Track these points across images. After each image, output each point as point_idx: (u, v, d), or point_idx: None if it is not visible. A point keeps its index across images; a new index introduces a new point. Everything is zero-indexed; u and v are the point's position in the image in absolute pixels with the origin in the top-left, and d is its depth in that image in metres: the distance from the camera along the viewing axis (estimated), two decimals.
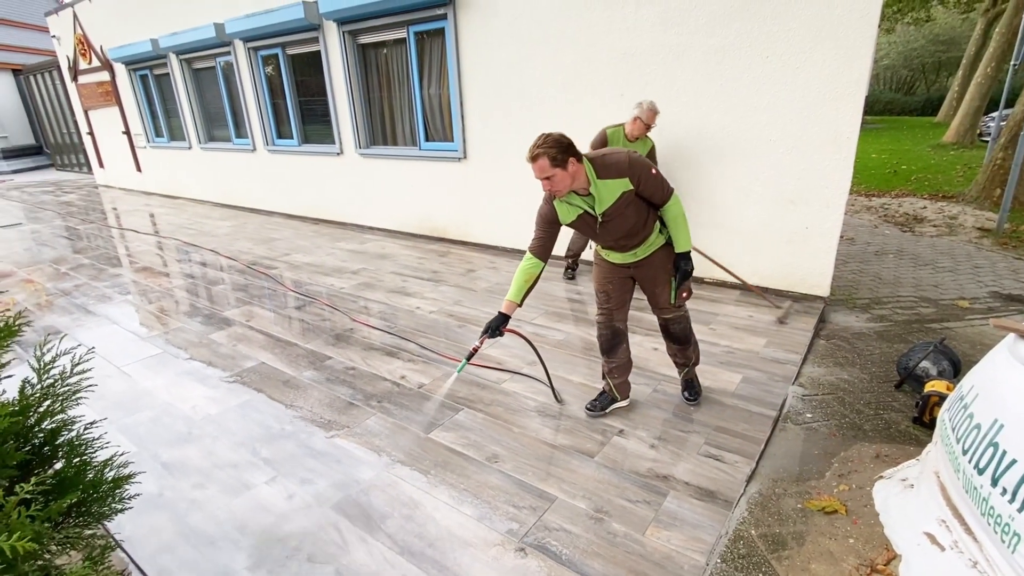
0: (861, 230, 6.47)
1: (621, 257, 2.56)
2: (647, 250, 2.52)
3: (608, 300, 2.67)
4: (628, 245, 2.50)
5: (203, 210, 8.91)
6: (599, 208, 2.33)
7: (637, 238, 2.47)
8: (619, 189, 2.29)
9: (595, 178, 2.28)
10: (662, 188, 2.38)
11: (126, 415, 2.95)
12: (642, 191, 2.34)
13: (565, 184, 2.25)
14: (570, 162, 2.20)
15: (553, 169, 2.18)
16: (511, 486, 2.30)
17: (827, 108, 3.68)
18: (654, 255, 2.53)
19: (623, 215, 2.36)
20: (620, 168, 2.28)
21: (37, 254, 6.47)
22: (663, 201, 2.41)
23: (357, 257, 5.82)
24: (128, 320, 4.33)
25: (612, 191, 2.30)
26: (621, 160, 2.29)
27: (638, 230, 2.44)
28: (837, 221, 3.86)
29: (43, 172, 15.18)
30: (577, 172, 2.25)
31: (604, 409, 2.77)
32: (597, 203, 2.32)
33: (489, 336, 2.47)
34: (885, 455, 2.37)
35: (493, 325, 2.48)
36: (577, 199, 2.35)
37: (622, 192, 2.30)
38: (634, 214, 2.38)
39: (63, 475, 1.24)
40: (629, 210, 2.36)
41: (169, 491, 2.36)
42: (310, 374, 3.32)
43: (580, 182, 2.28)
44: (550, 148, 2.16)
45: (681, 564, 1.89)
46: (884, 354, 3.33)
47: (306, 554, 1.99)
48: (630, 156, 2.30)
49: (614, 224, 2.38)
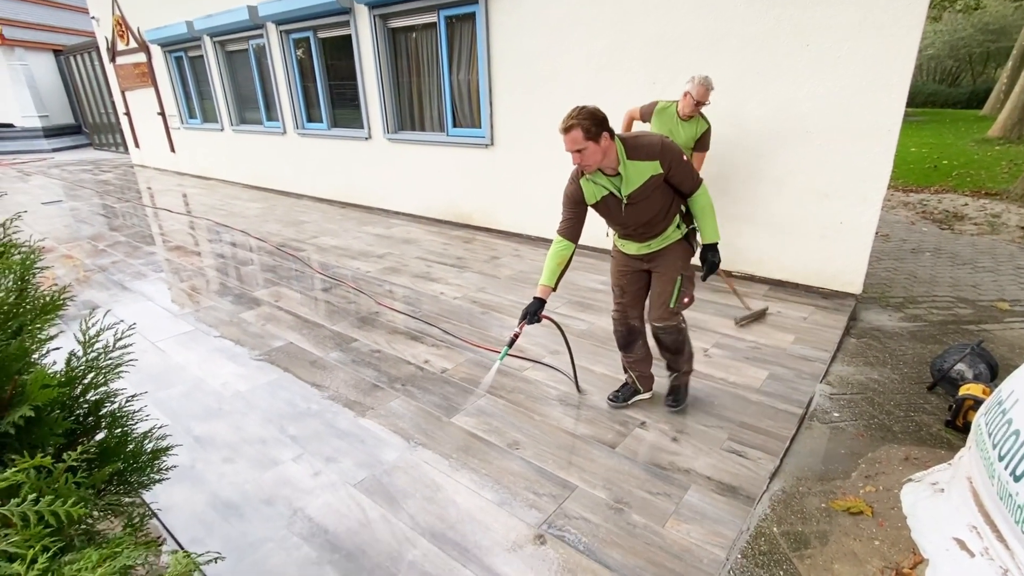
0: (897, 227, 6.27)
1: (636, 248, 2.52)
2: (662, 243, 2.47)
3: (623, 295, 2.64)
4: (646, 234, 2.45)
5: (234, 191, 9.08)
6: (625, 189, 2.29)
7: (656, 228, 2.42)
8: (648, 172, 2.25)
9: (625, 158, 2.24)
10: (692, 176, 2.34)
11: (160, 389, 3.05)
12: (671, 177, 2.29)
13: (596, 159, 2.20)
14: (603, 137, 2.15)
15: (586, 142, 2.13)
16: (532, 473, 2.32)
17: (868, 99, 3.56)
18: (668, 249, 2.48)
19: (648, 199, 2.32)
20: (652, 150, 2.24)
21: (76, 231, 6.69)
22: (691, 190, 2.37)
23: (383, 241, 5.87)
24: (161, 297, 4.46)
25: (641, 173, 2.25)
26: (654, 142, 2.25)
27: (659, 219, 2.39)
28: (873, 216, 3.74)
29: (82, 151, 15.64)
30: (609, 149, 2.20)
31: (626, 400, 2.77)
32: (624, 184, 2.28)
33: (528, 322, 2.46)
34: (915, 458, 2.32)
35: (531, 311, 2.46)
36: (603, 179, 2.31)
37: (651, 175, 2.26)
38: (659, 200, 2.34)
39: (105, 445, 1.30)
40: (655, 195, 2.32)
41: (201, 463, 2.44)
42: (336, 355, 3.38)
43: (610, 160, 2.23)
44: (584, 120, 2.11)
45: (700, 557, 1.89)
46: (917, 355, 3.24)
47: (330, 529, 2.04)
48: (663, 140, 2.27)
49: (638, 208, 2.34)
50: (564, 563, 1.87)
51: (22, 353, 1.16)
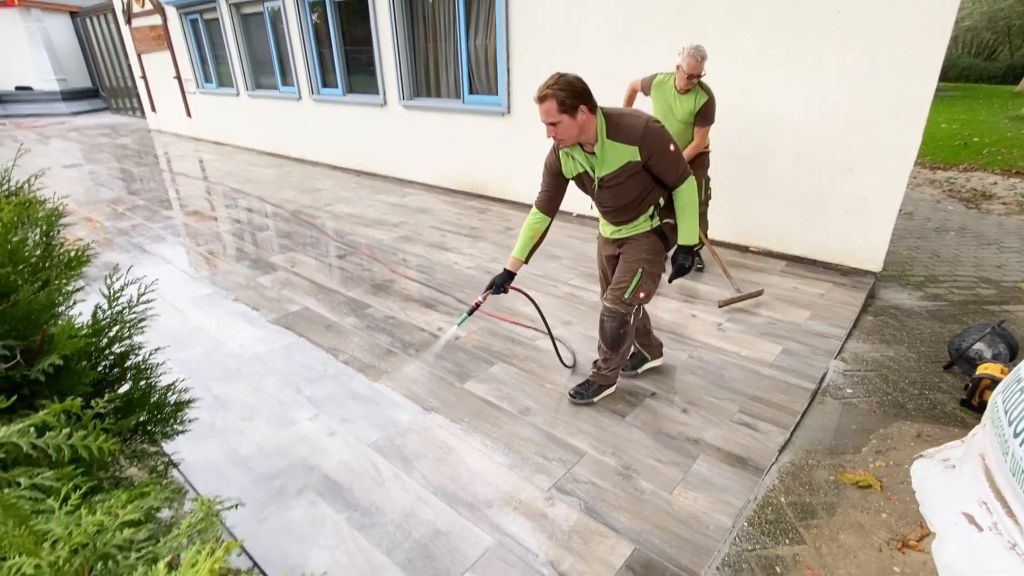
0: (922, 204, 6.12)
1: (610, 230, 2.42)
2: (631, 231, 2.33)
3: (604, 279, 2.61)
4: (617, 219, 2.33)
5: (249, 158, 9.09)
6: (599, 171, 2.14)
7: (627, 215, 2.28)
8: (625, 157, 2.07)
9: (604, 136, 2.06)
10: (676, 168, 2.13)
11: (180, 349, 3.12)
12: (651, 166, 2.11)
13: (571, 134, 2.04)
14: (580, 110, 1.98)
15: (560, 115, 1.98)
16: (542, 438, 2.36)
17: (899, 70, 3.43)
18: (635, 238, 2.33)
19: (623, 186, 2.16)
20: (632, 134, 2.04)
21: (96, 194, 6.77)
22: (675, 183, 2.17)
23: (397, 210, 5.87)
24: (180, 260, 4.52)
25: (617, 156, 2.08)
26: (636, 125, 2.04)
27: (632, 207, 2.24)
28: (898, 193, 3.65)
29: (99, 115, 15.70)
30: (587, 124, 2.03)
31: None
32: (599, 165, 2.12)
33: (493, 292, 2.41)
34: (927, 435, 2.31)
35: (498, 282, 2.41)
36: (580, 155, 2.16)
37: (627, 161, 2.08)
38: (635, 189, 2.17)
39: (130, 396, 1.34)
40: (630, 183, 2.14)
41: (220, 421, 2.51)
42: (351, 320, 3.43)
43: (588, 136, 2.06)
44: (560, 91, 1.95)
45: (707, 524, 1.92)
46: (935, 334, 3.20)
47: (345, 486, 2.10)
48: (648, 124, 2.05)
49: (611, 192, 2.20)
50: (572, 525, 1.92)
51: (49, 304, 1.19)
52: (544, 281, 3.96)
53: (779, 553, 1.79)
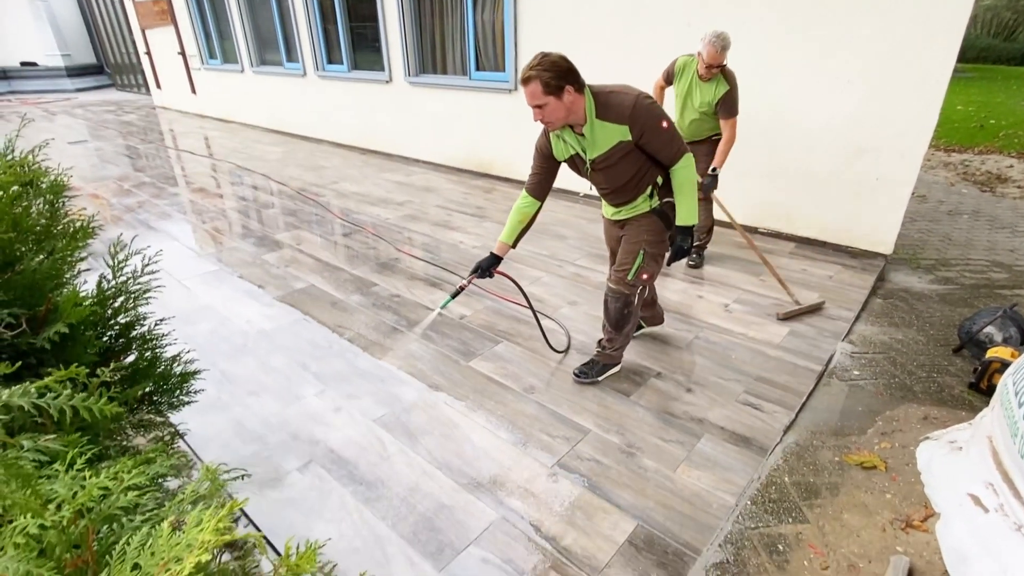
0: (935, 187, 6.02)
1: (610, 211, 2.38)
2: (630, 212, 2.29)
3: (612, 256, 2.59)
4: (615, 201, 2.29)
5: (255, 135, 9.04)
6: (590, 153, 2.07)
7: (624, 196, 2.22)
8: (615, 137, 2.00)
9: (593, 116, 1.99)
10: (671, 146, 2.05)
11: (187, 325, 3.13)
12: (644, 144, 2.03)
13: (558, 116, 1.97)
14: (566, 91, 1.91)
15: (546, 97, 1.90)
16: (546, 416, 2.36)
17: (918, 48, 3.34)
18: (636, 220, 2.28)
19: (615, 167, 2.09)
20: (621, 112, 1.96)
21: (102, 170, 6.76)
22: (671, 162, 2.10)
23: (403, 189, 5.84)
24: (186, 237, 4.52)
25: (608, 137, 2.01)
26: (625, 103, 1.96)
27: (628, 188, 2.18)
28: (912, 174, 3.59)
29: (104, 92, 15.61)
30: (575, 104, 1.95)
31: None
32: (589, 146, 2.06)
33: (478, 276, 2.39)
34: (934, 417, 2.30)
35: (484, 266, 2.38)
36: (571, 136, 2.09)
37: (618, 141, 2.01)
38: (628, 169, 2.10)
39: (136, 366, 1.34)
40: (623, 163, 2.07)
41: (227, 396, 2.53)
42: (357, 298, 3.43)
43: (577, 116, 1.99)
44: (544, 71, 1.87)
45: (710, 502, 1.92)
46: (945, 317, 3.17)
47: (351, 460, 2.12)
48: (638, 100, 1.96)
49: (604, 175, 2.14)
50: (575, 500, 1.93)
51: (55, 273, 1.18)
52: (550, 261, 3.94)
53: (782, 531, 1.80)
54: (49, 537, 0.66)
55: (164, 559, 0.54)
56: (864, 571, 1.64)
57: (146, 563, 0.55)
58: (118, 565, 0.57)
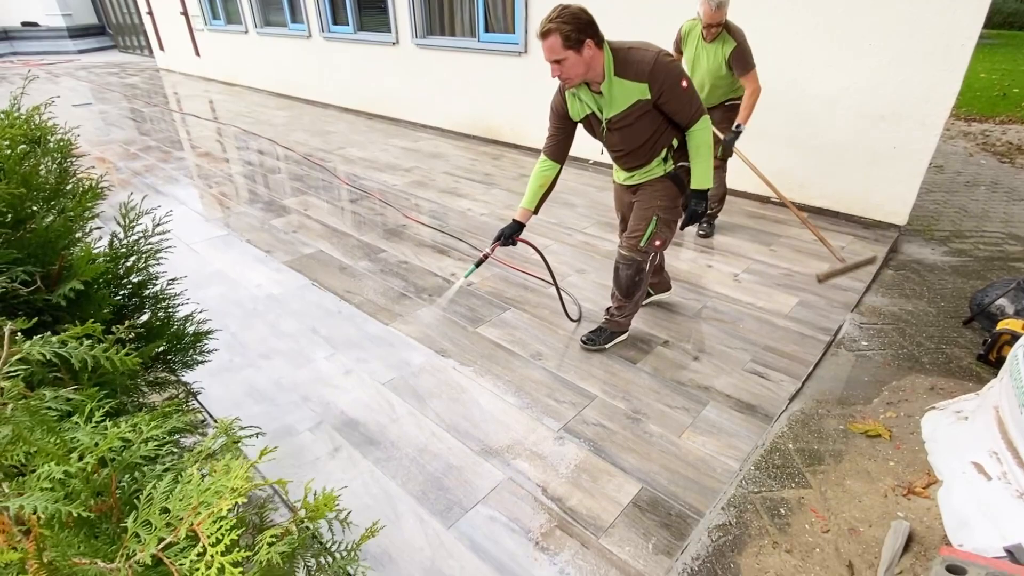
0: (953, 158, 5.88)
1: (622, 176, 2.34)
2: (644, 176, 2.24)
3: (622, 222, 2.56)
4: (628, 164, 2.23)
5: (260, 99, 8.92)
6: (607, 112, 2.01)
7: (639, 160, 2.17)
8: (634, 95, 1.94)
9: (611, 73, 1.92)
10: (689, 107, 1.99)
11: (198, 289, 3.15)
12: (663, 104, 1.97)
13: (577, 72, 1.90)
14: (586, 45, 1.84)
15: (565, 51, 1.84)
16: (553, 382, 2.38)
17: (943, 11, 3.21)
18: (649, 184, 2.24)
19: (632, 128, 2.03)
20: (641, 69, 1.89)
21: (107, 134, 6.71)
22: (688, 123, 2.04)
23: (410, 155, 5.77)
24: (193, 202, 4.51)
25: (626, 95, 1.95)
26: (645, 60, 1.89)
27: (644, 151, 2.13)
28: (931, 143, 3.50)
29: (107, 53, 15.38)
30: (594, 60, 1.89)
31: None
32: (607, 105, 1.99)
33: (501, 244, 2.35)
34: (941, 388, 2.30)
35: (506, 233, 2.33)
36: (587, 95, 2.03)
37: (637, 100, 1.94)
38: (646, 130, 2.04)
39: (150, 325, 1.35)
40: (640, 124, 2.02)
41: (239, 358, 2.56)
42: (365, 264, 3.43)
43: (595, 73, 1.93)
44: (564, 24, 1.81)
45: (714, 467, 1.95)
46: (957, 289, 3.14)
47: (361, 421, 2.15)
48: (659, 58, 1.90)
49: (620, 135, 2.08)
50: (580, 463, 1.96)
51: (66, 231, 1.19)
52: (559, 229, 3.91)
53: (784, 496, 1.83)
54: (74, 484, 0.67)
55: (193, 504, 0.55)
56: (864, 535, 1.67)
57: (175, 507, 0.56)
58: (146, 508, 0.58)
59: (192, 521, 0.53)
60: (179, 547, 0.53)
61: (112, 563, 0.53)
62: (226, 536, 0.51)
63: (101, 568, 0.53)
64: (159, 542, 0.53)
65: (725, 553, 1.64)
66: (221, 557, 0.50)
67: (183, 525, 0.53)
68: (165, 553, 0.52)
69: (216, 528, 0.52)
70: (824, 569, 1.58)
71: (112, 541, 0.63)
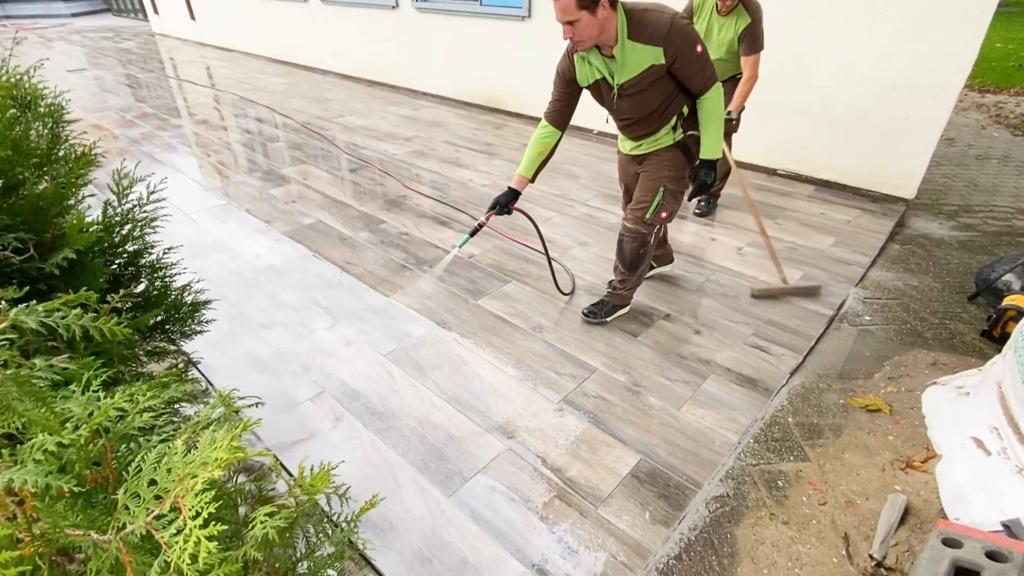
0: (965, 130, 5.76)
1: (629, 146, 2.27)
2: (652, 146, 2.19)
3: (626, 193, 2.51)
4: (636, 133, 2.17)
5: (257, 65, 8.73)
6: (619, 77, 1.95)
7: (647, 128, 2.12)
8: (648, 60, 1.88)
9: (624, 36, 1.86)
10: (703, 73, 1.94)
11: (197, 259, 3.13)
12: (676, 70, 1.91)
13: (591, 34, 1.83)
14: (600, 6, 1.77)
15: (579, 12, 1.76)
16: (553, 355, 2.38)
17: None
18: (657, 154, 2.19)
19: (644, 93, 1.97)
20: (656, 32, 1.83)
21: (103, 100, 6.59)
22: (701, 90, 1.99)
23: (410, 123, 5.67)
24: (192, 171, 4.46)
25: (639, 59, 1.89)
26: (660, 22, 1.83)
27: (654, 119, 2.07)
28: (944, 114, 3.42)
29: (101, 17, 15.01)
30: (608, 21, 1.82)
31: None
32: (618, 70, 1.93)
33: (496, 213, 2.29)
34: (943, 364, 2.30)
35: (502, 202, 2.27)
36: (598, 59, 1.96)
37: (650, 64, 1.89)
38: (657, 97, 1.99)
39: (147, 295, 1.34)
40: (652, 90, 1.96)
41: (239, 329, 2.56)
42: (365, 235, 3.40)
43: (608, 36, 1.87)
44: None
45: (713, 440, 1.96)
46: (963, 264, 3.10)
47: (362, 392, 2.16)
48: (674, 21, 1.85)
49: (631, 102, 2.02)
50: (580, 435, 1.97)
51: (58, 198, 1.16)
52: (561, 201, 3.86)
53: (782, 468, 1.84)
54: (68, 455, 0.67)
55: (180, 475, 0.54)
56: (861, 507, 1.68)
57: (162, 479, 0.56)
58: (134, 479, 0.58)
59: (177, 493, 0.52)
60: (167, 519, 0.53)
61: (105, 535, 0.52)
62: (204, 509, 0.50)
63: (94, 539, 0.53)
64: (148, 514, 0.53)
65: (722, 524, 1.66)
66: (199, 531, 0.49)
67: (169, 497, 0.53)
68: (154, 525, 0.52)
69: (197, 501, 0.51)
70: (820, 540, 1.60)
71: (108, 512, 0.62)
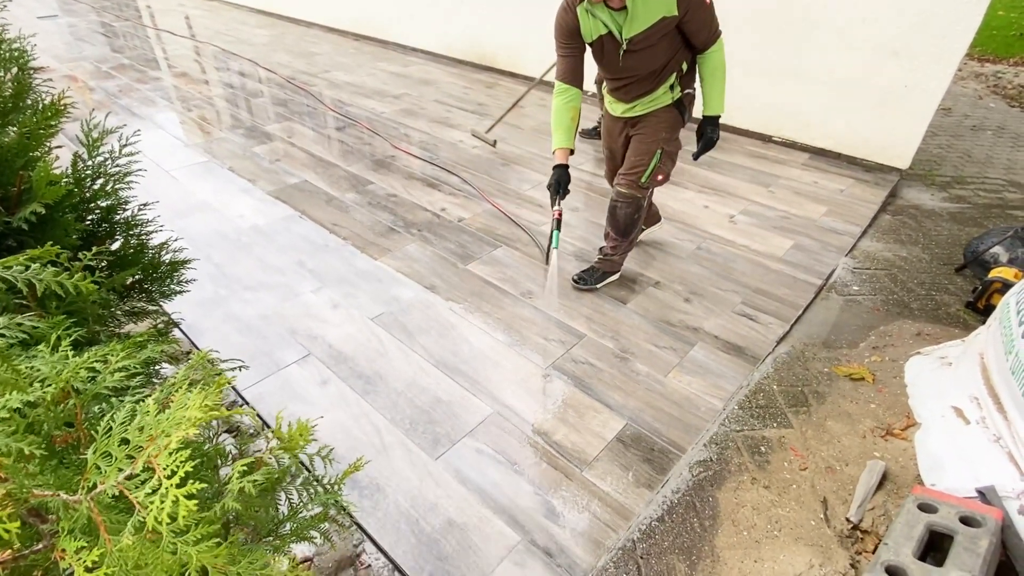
0: (962, 100, 5.70)
1: (620, 108, 2.21)
2: (648, 106, 2.13)
3: (612, 158, 2.43)
4: (633, 94, 2.11)
5: (240, 15, 8.35)
6: (628, 31, 1.89)
7: (647, 86, 2.07)
8: (660, 11, 1.85)
9: None
10: (710, 26, 1.94)
11: (178, 217, 3.05)
12: (686, 23, 1.89)
13: None
14: None
15: None
16: (542, 320, 2.37)
17: None
18: (654, 115, 2.14)
19: (652, 48, 1.93)
20: None
21: (77, 50, 6.30)
22: (706, 44, 1.97)
23: (399, 80, 5.49)
24: (172, 126, 4.30)
25: (651, 11, 1.84)
26: None
27: (655, 76, 2.03)
28: (944, 82, 3.36)
29: None
30: None
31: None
32: (628, 22, 1.87)
33: (561, 198, 2.15)
34: (927, 334, 2.32)
35: (562, 182, 2.12)
36: (605, 13, 1.90)
37: (662, 16, 1.85)
38: (664, 52, 1.96)
39: (122, 253, 1.29)
40: (661, 44, 1.93)
41: (224, 291, 2.51)
42: (352, 196, 3.32)
43: None
44: None
45: (698, 406, 1.98)
46: (952, 236, 3.11)
47: (350, 355, 2.15)
48: None
49: (638, 58, 1.97)
50: (567, 399, 1.98)
51: (23, 148, 1.10)
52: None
53: (766, 435, 1.87)
54: (36, 414, 0.64)
55: (152, 435, 0.52)
56: (840, 473, 1.72)
57: (135, 438, 0.54)
58: (103, 439, 0.56)
59: (150, 452, 0.50)
60: (140, 479, 0.51)
61: (75, 495, 0.51)
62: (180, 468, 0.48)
63: (65, 499, 0.51)
64: (119, 473, 0.51)
65: (704, 487, 1.69)
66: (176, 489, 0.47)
67: (141, 456, 0.51)
68: (125, 485, 0.50)
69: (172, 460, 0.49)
70: (799, 504, 1.64)
71: (80, 472, 0.60)
